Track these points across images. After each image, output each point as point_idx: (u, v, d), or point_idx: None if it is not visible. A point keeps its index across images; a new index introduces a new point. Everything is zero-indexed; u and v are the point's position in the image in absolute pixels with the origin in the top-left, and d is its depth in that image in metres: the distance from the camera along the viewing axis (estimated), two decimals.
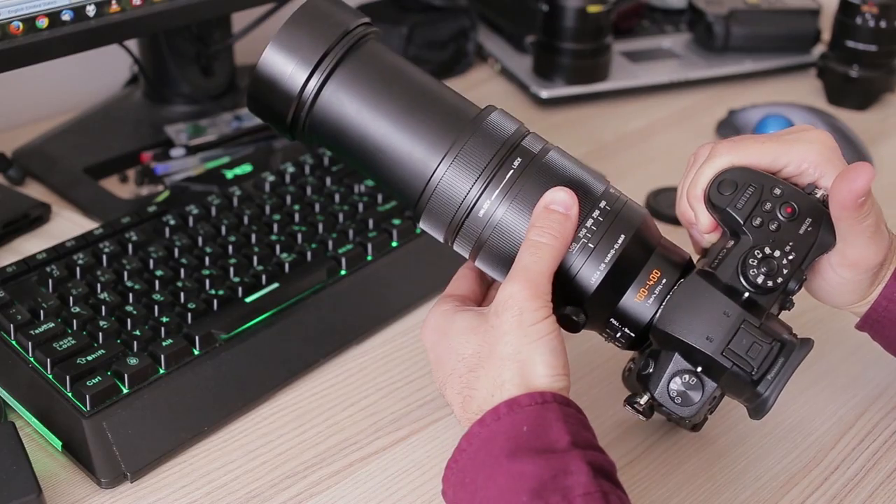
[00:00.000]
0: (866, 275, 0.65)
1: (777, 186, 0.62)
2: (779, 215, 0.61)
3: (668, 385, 0.60)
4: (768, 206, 0.61)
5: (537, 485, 0.52)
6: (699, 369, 0.59)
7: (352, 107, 0.62)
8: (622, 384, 0.69)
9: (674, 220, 0.95)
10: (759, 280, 0.59)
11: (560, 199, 0.59)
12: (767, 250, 0.60)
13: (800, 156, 0.63)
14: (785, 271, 0.60)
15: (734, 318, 0.58)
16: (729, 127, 1.11)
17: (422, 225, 0.64)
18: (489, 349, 0.58)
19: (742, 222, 0.61)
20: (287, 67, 0.62)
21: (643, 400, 0.61)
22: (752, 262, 0.60)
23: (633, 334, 0.61)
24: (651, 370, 0.61)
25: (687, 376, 0.59)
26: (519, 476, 0.53)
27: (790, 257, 0.60)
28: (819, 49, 1.27)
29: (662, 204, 0.98)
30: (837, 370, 0.79)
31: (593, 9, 1.14)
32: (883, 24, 1.14)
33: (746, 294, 0.60)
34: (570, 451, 0.54)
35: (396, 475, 0.69)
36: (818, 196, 0.63)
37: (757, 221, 0.61)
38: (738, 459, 0.71)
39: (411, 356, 0.79)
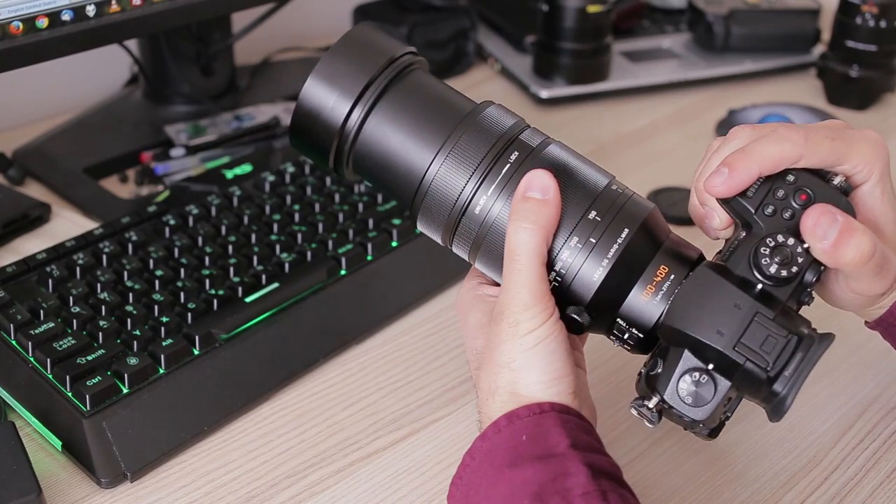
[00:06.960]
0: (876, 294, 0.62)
1: (790, 172, 0.58)
2: (793, 203, 0.57)
3: (677, 384, 0.55)
4: (781, 193, 0.57)
5: (538, 489, 0.52)
6: (711, 367, 0.55)
7: (395, 138, 0.60)
8: (621, 384, 0.69)
9: (675, 220, 0.95)
10: (773, 270, 0.55)
11: (537, 183, 0.56)
12: (780, 238, 0.56)
13: (861, 157, 0.59)
14: (800, 260, 0.55)
15: (746, 310, 0.54)
16: (729, 127, 1.11)
17: (419, 226, 0.62)
18: (489, 353, 0.58)
19: (753, 211, 0.57)
20: (329, 99, 0.59)
21: (652, 403, 0.57)
22: (765, 251, 0.55)
23: (640, 335, 0.58)
24: (660, 370, 0.56)
25: (697, 374, 0.55)
26: (520, 483, 0.53)
27: (805, 246, 0.56)
28: (819, 49, 1.27)
29: (663, 204, 0.98)
30: (837, 370, 0.79)
31: (593, 9, 1.14)
32: (883, 24, 1.14)
33: (760, 286, 0.56)
34: (568, 453, 0.53)
35: (396, 475, 0.69)
36: (836, 182, 0.58)
37: (769, 210, 0.57)
38: (737, 459, 0.71)
39: (411, 356, 0.79)
